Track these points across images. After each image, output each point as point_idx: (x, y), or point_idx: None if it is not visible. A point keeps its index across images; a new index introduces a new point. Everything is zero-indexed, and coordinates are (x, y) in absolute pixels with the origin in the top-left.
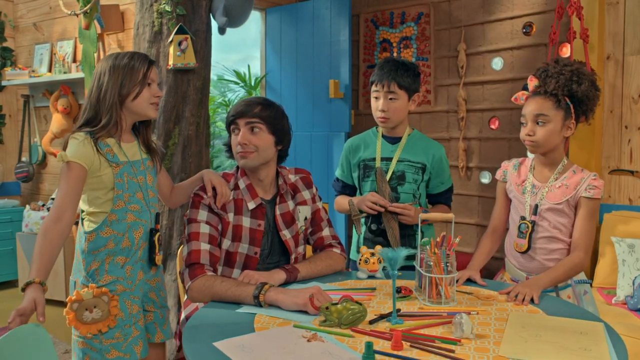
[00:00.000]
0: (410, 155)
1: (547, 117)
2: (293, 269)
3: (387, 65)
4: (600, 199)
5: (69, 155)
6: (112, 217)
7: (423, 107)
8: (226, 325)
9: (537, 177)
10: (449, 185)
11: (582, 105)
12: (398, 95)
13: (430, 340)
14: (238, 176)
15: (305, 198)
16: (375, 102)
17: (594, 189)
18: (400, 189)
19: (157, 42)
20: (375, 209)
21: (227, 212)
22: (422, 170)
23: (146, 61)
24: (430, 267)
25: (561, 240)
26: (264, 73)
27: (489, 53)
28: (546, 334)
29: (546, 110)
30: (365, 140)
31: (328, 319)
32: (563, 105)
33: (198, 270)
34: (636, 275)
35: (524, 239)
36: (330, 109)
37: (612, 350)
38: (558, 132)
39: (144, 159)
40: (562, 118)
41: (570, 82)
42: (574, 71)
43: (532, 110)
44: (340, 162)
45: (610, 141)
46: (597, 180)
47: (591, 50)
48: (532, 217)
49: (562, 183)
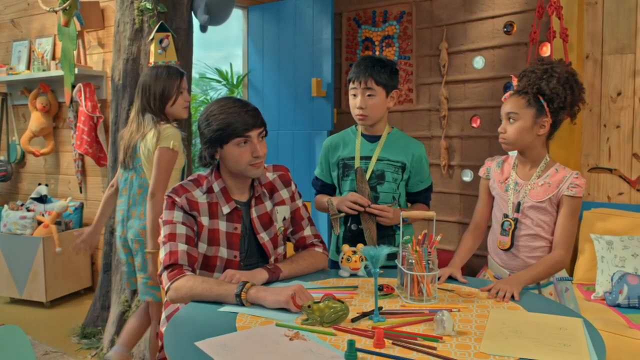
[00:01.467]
0: (389, 154)
1: (517, 115)
2: (275, 268)
3: (364, 62)
4: (582, 197)
5: (177, 144)
6: None
7: (405, 106)
8: (208, 325)
9: (519, 174)
10: (428, 184)
11: (553, 103)
12: (375, 91)
13: (412, 337)
14: (212, 179)
15: (283, 197)
16: (353, 99)
17: (576, 187)
18: (380, 188)
19: (138, 39)
20: (355, 209)
21: (201, 216)
22: (402, 170)
23: (179, 74)
24: (411, 265)
25: (544, 237)
26: (246, 71)
27: (470, 52)
28: (526, 330)
29: (516, 108)
30: (345, 139)
31: (310, 318)
32: (534, 103)
33: (177, 271)
34: (614, 272)
35: (506, 237)
36: (313, 107)
37: (590, 345)
38: (528, 129)
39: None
40: (533, 116)
41: (540, 80)
42: (547, 69)
43: (505, 108)
44: (319, 160)
45: (589, 139)
46: (579, 179)
47: (570, 49)
48: (514, 214)
49: (544, 181)
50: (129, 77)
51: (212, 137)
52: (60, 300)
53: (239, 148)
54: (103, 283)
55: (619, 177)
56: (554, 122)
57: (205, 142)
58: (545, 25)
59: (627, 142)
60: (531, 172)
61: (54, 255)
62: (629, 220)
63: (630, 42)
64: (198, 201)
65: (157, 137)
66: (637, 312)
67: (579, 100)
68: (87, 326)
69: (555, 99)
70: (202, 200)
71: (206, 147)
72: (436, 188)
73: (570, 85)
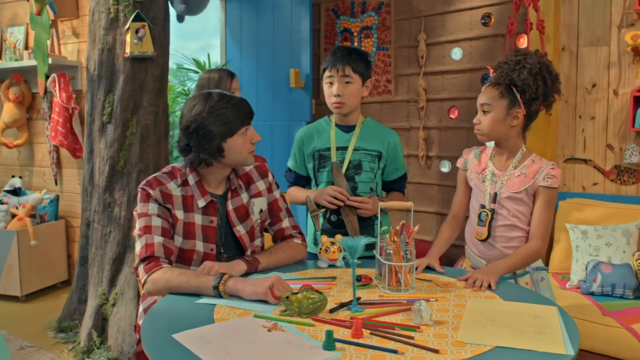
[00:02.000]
0: (365, 143)
1: (490, 106)
2: (254, 259)
3: (339, 51)
4: (558, 188)
5: None
6: None
7: (384, 97)
8: (185, 317)
9: (496, 165)
10: (403, 171)
11: (525, 94)
12: (353, 79)
13: (390, 327)
14: (187, 172)
15: (260, 189)
16: (329, 87)
17: (551, 178)
18: (358, 178)
19: (114, 29)
20: (335, 203)
21: (175, 209)
22: (378, 158)
23: (229, 75)
24: (389, 255)
25: (520, 228)
26: (224, 62)
27: (448, 43)
28: (502, 319)
29: (489, 99)
30: (318, 130)
31: (288, 309)
32: (507, 94)
33: (154, 264)
34: (589, 261)
35: (483, 227)
36: (291, 98)
37: (564, 333)
38: (501, 120)
39: None
40: (506, 107)
41: (512, 71)
42: (520, 60)
43: (480, 100)
44: (293, 152)
45: (565, 131)
46: (555, 170)
47: (547, 41)
48: (491, 205)
49: (520, 172)
50: (104, 67)
51: (221, 130)
52: (35, 294)
53: (242, 137)
54: (80, 276)
55: (593, 168)
56: (528, 113)
57: (210, 140)
58: (523, 17)
59: (602, 134)
60: (508, 162)
61: (29, 249)
62: (603, 210)
63: (605, 35)
64: (172, 194)
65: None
66: (610, 300)
67: (552, 91)
68: (63, 320)
69: (527, 90)
70: (177, 193)
71: (214, 144)
72: (414, 179)
73: (543, 76)
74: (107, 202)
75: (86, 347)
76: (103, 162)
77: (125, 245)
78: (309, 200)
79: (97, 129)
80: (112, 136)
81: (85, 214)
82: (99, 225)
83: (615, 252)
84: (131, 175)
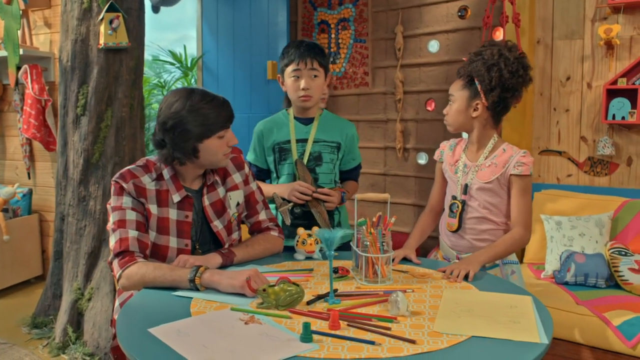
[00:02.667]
0: (324, 135)
1: (453, 97)
2: (229, 252)
3: (302, 45)
4: (530, 175)
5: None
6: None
7: (361, 89)
8: (161, 311)
9: (469, 156)
10: (359, 161)
11: (483, 85)
12: (319, 72)
13: (367, 318)
14: (162, 166)
15: (236, 182)
16: (296, 81)
17: (522, 165)
18: (319, 169)
19: (87, 20)
20: (303, 198)
21: (149, 203)
22: (337, 149)
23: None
24: (366, 247)
25: (491, 220)
26: (200, 54)
27: (425, 36)
28: (478, 309)
29: (453, 90)
30: (277, 123)
31: (265, 301)
32: (468, 85)
33: (128, 258)
34: (563, 251)
35: (454, 219)
36: (268, 90)
37: (539, 322)
38: (463, 111)
39: None
40: (467, 98)
41: (471, 62)
42: (481, 51)
43: (449, 91)
44: (252, 146)
45: (539, 123)
46: (526, 157)
47: (522, 34)
48: (462, 196)
49: (491, 162)
50: (77, 58)
51: (198, 131)
52: (9, 289)
53: (218, 140)
54: (54, 271)
55: (567, 160)
56: (491, 105)
57: (186, 139)
58: (499, 10)
59: (576, 126)
60: (479, 153)
61: (2, 244)
62: (576, 201)
63: (579, 28)
64: (146, 187)
65: None
66: (583, 289)
67: (512, 83)
68: (38, 316)
69: (482, 81)
70: (151, 187)
71: (189, 143)
72: (392, 171)
73: (499, 68)
74: (82, 196)
75: (61, 343)
76: (77, 155)
77: (101, 240)
78: (277, 196)
79: (70, 122)
80: (87, 129)
81: (59, 208)
82: (73, 219)
83: (588, 242)
84: (106, 168)
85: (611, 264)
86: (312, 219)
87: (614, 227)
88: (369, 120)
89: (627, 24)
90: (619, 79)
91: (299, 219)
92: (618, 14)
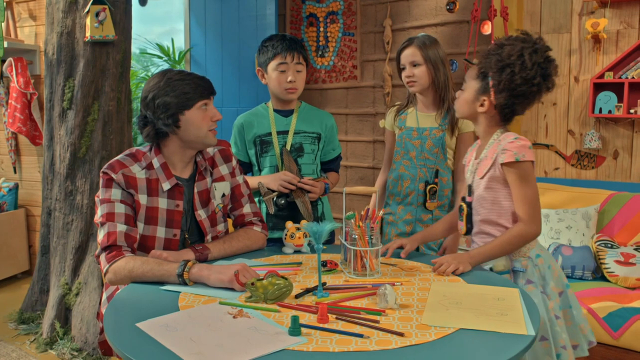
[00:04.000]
0: (305, 126)
1: (465, 84)
2: (204, 248)
3: (285, 39)
4: (521, 161)
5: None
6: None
7: (350, 82)
8: (149, 305)
9: (477, 154)
10: (339, 151)
11: (494, 80)
12: (303, 66)
13: (356, 311)
14: (152, 154)
15: (222, 173)
16: (282, 75)
17: (505, 152)
18: (300, 160)
19: (72, 12)
20: (289, 187)
21: (138, 193)
22: (318, 140)
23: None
24: (355, 240)
25: (494, 222)
26: (188, 47)
27: (414, 29)
28: (466, 302)
29: (467, 76)
30: (257, 116)
31: (254, 295)
32: (481, 77)
33: (115, 252)
34: (550, 243)
35: (462, 222)
36: (257, 83)
37: (526, 314)
38: (469, 102)
39: None
40: (476, 90)
41: (487, 55)
42: (503, 44)
43: (465, 75)
44: (233, 140)
45: (528, 116)
46: (513, 143)
47: (510, 28)
48: (468, 198)
49: (485, 155)
50: (63, 51)
51: (179, 101)
52: None
53: (201, 112)
54: (41, 266)
55: (555, 153)
56: (499, 105)
57: (167, 109)
58: (487, 4)
59: (563, 119)
60: (482, 149)
61: None
62: (564, 194)
63: (567, 22)
64: (136, 176)
65: None
66: (570, 281)
67: (522, 90)
68: (25, 311)
69: (492, 78)
70: (141, 175)
71: (169, 115)
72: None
73: (512, 71)
74: (69, 190)
75: (49, 339)
76: (64, 149)
77: (88, 234)
78: (262, 185)
79: (57, 115)
80: (73, 122)
81: (46, 203)
82: (60, 214)
83: (575, 235)
84: (93, 162)
85: (597, 256)
86: (295, 210)
87: (601, 220)
88: (357, 114)
89: (614, 18)
90: (606, 72)
91: (283, 210)
92: (605, 8)
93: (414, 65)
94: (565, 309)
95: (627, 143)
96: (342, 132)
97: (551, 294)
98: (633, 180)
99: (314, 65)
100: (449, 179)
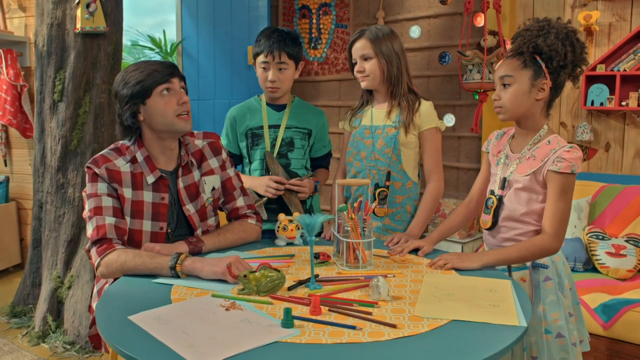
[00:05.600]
0: (296, 121)
1: (512, 78)
2: (197, 240)
3: (273, 35)
4: (573, 174)
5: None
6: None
7: (342, 75)
8: (141, 298)
9: (513, 147)
10: (330, 148)
11: (552, 62)
12: (287, 65)
13: (348, 303)
14: (135, 148)
15: (212, 167)
16: (264, 72)
17: (562, 161)
18: (291, 155)
19: (63, 3)
20: (277, 193)
21: (123, 187)
22: (308, 136)
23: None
24: (347, 233)
25: (524, 222)
26: (180, 39)
27: (407, 21)
28: (458, 293)
29: (510, 70)
30: (250, 109)
31: (246, 287)
32: (530, 64)
33: (106, 246)
34: None
35: (488, 215)
36: (249, 75)
37: (518, 305)
38: (526, 93)
39: None
40: (530, 78)
41: (537, 37)
42: (544, 26)
43: (499, 72)
44: (225, 132)
45: None
46: (570, 152)
47: (503, 20)
48: (499, 192)
49: (531, 154)
50: (54, 43)
51: (134, 91)
52: None
53: (163, 98)
54: (33, 259)
55: None
56: (555, 85)
57: (126, 102)
58: None
59: (555, 112)
60: (524, 144)
61: None
62: None
63: (559, 14)
64: (120, 170)
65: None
66: None
67: (580, 59)
68: (16, 305)
69: (555, 56)
70: (125, 169)
71: (128, 108)
72: None
73: (571, 42)
74: (60, 183)
75: (41, 332)
76: (55, 141)
77: (80, 227)
78: (251, 191)
79: (47, 108)
80: (64, 115)
81: (37, 196)
82: (52, 207)
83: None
84: (85, 155)
85: (589, 247)
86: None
87: (592, 212)
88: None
89: (606, 11)
90: (598, 65)
91: (275, 213)
92: (597, 1)
93: (364, 59)
94: (575, 305)
95: (618, 135)
96: (335, 124)
97: (566, 292)
98: (624, 172)
99: (306, 58)
100: (404, 184)
